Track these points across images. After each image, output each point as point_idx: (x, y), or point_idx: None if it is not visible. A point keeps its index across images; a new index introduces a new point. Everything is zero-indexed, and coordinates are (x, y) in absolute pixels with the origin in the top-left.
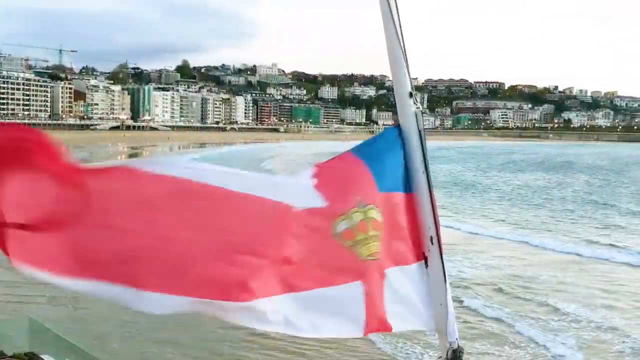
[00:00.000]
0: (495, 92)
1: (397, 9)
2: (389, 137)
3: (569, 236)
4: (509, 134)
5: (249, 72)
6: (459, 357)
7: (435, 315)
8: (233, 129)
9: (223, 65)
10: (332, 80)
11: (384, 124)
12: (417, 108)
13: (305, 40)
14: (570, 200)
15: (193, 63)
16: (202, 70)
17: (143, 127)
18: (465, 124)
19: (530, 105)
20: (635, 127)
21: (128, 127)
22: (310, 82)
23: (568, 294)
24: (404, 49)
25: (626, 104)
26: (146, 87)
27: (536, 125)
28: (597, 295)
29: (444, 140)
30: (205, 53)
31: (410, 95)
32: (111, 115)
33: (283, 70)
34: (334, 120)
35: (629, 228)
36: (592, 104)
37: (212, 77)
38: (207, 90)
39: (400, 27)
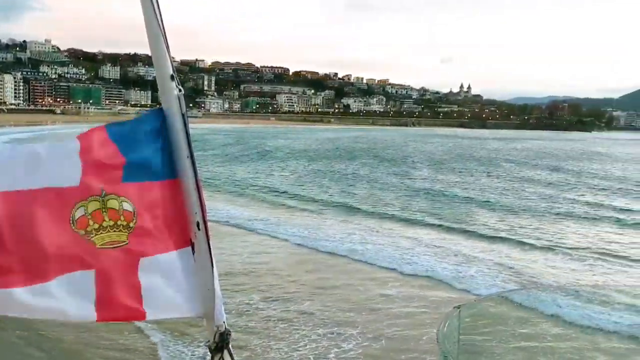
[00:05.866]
0: (280, 77)
1: None
2: (150, 122)
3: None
4: (294, 118)
5: (18, 48)
6: (226, 340)
7: (203, 300)
8: (1, 110)
9: None
10: (114, 59)
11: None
12: (180, 91)
13: (82, 15)
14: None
15: None
16: None
17: None
18: (254, 107)
19: (313, 91)
20: (405, 113)
21: None
22: (89, 60)
23: None
24: (163, 29)
25: (396, 91)
26: None
27: (319, 110)
28: None
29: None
30: None
31: (172, 78)
32: None
33: (58, 47)
34: (117, 101)
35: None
36: (368, 90)
37: None
38: None
39: (158, 5)
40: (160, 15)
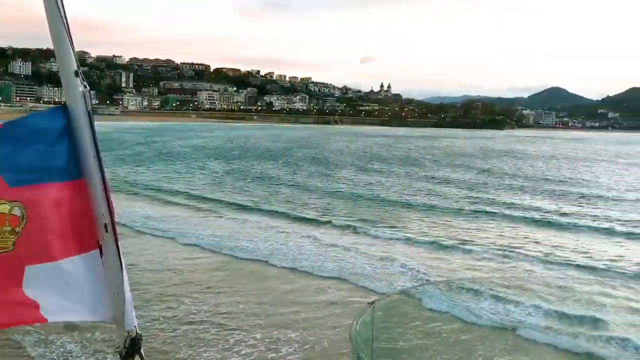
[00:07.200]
0: (201, 74)
1: None
2: (52, 119)
3: None
4: (216, 115)
5: None
6: (138, 345)
7: (112, 305)
8: None
9: None
10: (25, 54)
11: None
12: (85, 88)
13: None
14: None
15: None
16: None
17: None
18: (174, 105)
19: (235, 88)
20: (327, 111)
21: None
22: None
23: None
24: (67, 23)
25: (319, 90)
26: None
27: (241, 107)
28: None
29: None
30: None
31: (77, 73)
32: None
33: None
34: (28, 98)
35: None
36: (290, 88)
37: None
38: None
39: None
40: (63, 7)
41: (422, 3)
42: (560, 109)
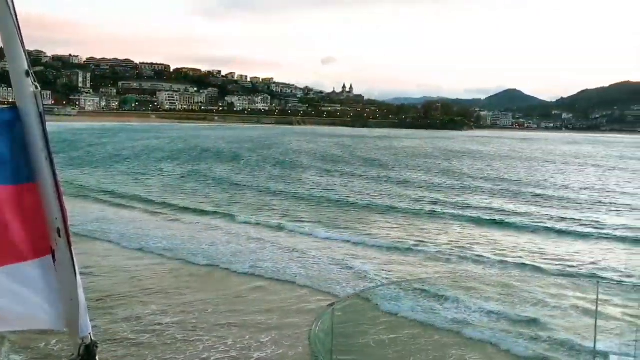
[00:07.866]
0: (161, 74)
1: None
2: (0, 121)
3: None
4: (176, 115)
5: None
6: (93, 352)
7: (65, 312)
8: None
9: None
10: None
11: (44, 104)
12: (36, 88)
13: None
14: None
15: None
16: None
17: None
18: (133, 105)
19: (195, 89)
20: (290, 111)
21: None
22: None
23: None
24: (17, 21)
25: (281, 90)
26: None
27: (202, 108)
28: None
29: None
30: None
31: (28, 74)
32: None
33: None
34: None
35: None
36: (252, 89)
37: None
38: None
39: None
40: (13, 4)
41: (381, 5)
42: (517, 110)
